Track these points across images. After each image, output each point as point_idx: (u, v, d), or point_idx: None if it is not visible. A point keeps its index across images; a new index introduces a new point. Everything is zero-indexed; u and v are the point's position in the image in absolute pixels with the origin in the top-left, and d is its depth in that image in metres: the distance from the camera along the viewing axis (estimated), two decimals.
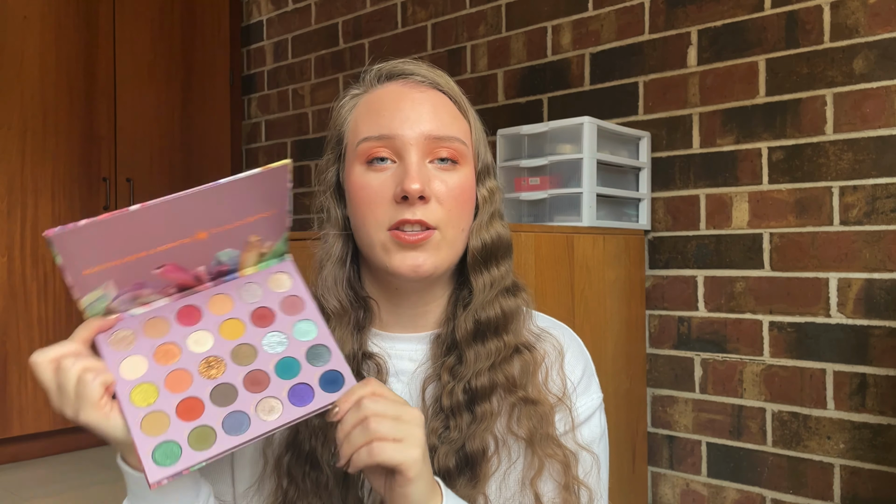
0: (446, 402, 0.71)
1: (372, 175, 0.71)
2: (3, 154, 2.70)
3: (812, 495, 1.76)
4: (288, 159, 0.65)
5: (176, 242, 0.62)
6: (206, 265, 0.66)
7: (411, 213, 0.69)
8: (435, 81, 0.75)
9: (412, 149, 0.70)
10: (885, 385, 1.66)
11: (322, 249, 0.78)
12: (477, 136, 0.77)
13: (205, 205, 0.61)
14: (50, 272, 2.81)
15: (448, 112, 0.73)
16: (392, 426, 0.59)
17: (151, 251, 0.61)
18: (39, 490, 2.42)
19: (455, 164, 0.72)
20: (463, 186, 0.73)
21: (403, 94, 0.73)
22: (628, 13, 2.09)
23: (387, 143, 0.71)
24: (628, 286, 1.93)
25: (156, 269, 0.63)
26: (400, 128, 0.71)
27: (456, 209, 0.72)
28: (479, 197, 0.76)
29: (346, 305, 0.75)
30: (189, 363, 0.63)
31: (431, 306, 0.77)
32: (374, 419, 0.59)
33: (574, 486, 0.71)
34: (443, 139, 0.71)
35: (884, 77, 1.67)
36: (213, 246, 0.65)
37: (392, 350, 0.77)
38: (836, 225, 1.74)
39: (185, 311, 0.66)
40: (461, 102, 0.76)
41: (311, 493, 0.71)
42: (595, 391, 0.78)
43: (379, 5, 2.81)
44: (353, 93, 0.78)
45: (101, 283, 0.61)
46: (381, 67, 0.77)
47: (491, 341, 0.73)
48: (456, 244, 0.73)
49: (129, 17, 3.06)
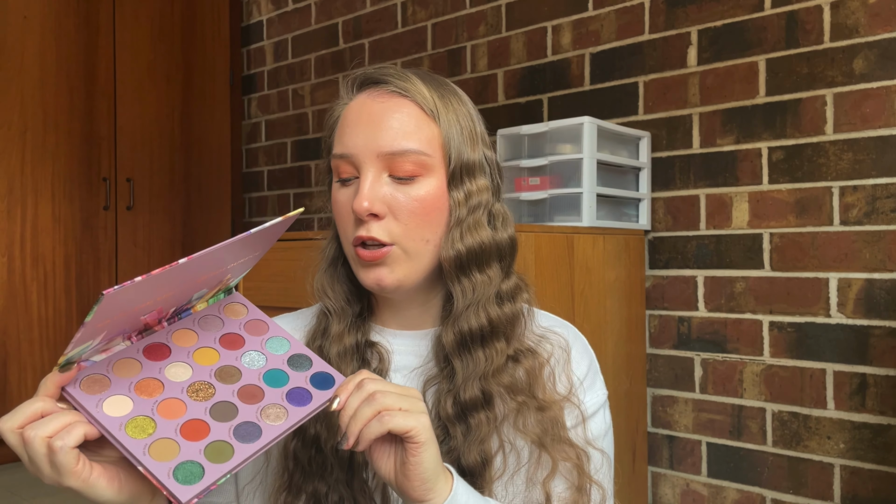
0: (442, 413, 0.72)
1: (342, 191, 0.74)
2: (3, 154, 2.70)
3: (812, 495, 1.76)
4: (302, 208, 0.71)
5: (177, 289, 0.61)
6: (176, 307, 0.66)
7: (365, 231, 0.70)
8: (402, 88, 0.73)
9: (367, 167, 0.71)
10: (885, 385, 1.66)
11: (321, 250, 0.81)
12: (449, 139, 0.73)
13: (228, 252, 0.61)
14: (50, 272, 2.81)
15: (407, 123, 0.72)
16: (396, 398, 0.60)
17: (158, 299, 0.60)
18: (39, 490, 2.42)
19: (413, 179, 0.71)
20: (422, 199, 0.71)
21: (364, 110, 0.73)
22: (628, 13, 2.09)
23: (348, 160, 0.73)
24: (628, 286, 1.93)
25: (143, 315, 0.62)
26: (356, 146, 0.72)
27: (413, 222, 0.71)
28: (451, 202, 0.73)
29: (344, 303, 0.77)
30: (176, 392, 0.62)
31: (424, 308, 0.78)
32: (380, 393, 0.60)
33: (587, 485, 0.71)
34: (396, 154, 0.71)
35: (884, 77, 1.67)
36: (196, 288, 0.65)
37: (394, 345, 0.77)
38: (836, 225, 1.74)
39: (151, 349, 0.64)
40: (428, 106, 0.73)
41: (316, 476, 0.71)
42: (600, 387, 0.78)
43: (379, 5, 2.81)
44: (340, 103, 0.79)
45: (99, 334, 0.58)
46: (355, 76, 0.78)
47: (478, 350, 0.72)
48: (421, 257, 0.72)
49: (129, 17, 3.06)
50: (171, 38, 3.20)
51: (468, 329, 0.72)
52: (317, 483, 0.71)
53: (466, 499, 0.63)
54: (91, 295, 2.91)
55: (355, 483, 0.71)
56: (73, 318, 2.86)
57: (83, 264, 2.90)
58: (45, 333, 2.79)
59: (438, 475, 0.61)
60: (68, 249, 2.86)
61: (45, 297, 2.79)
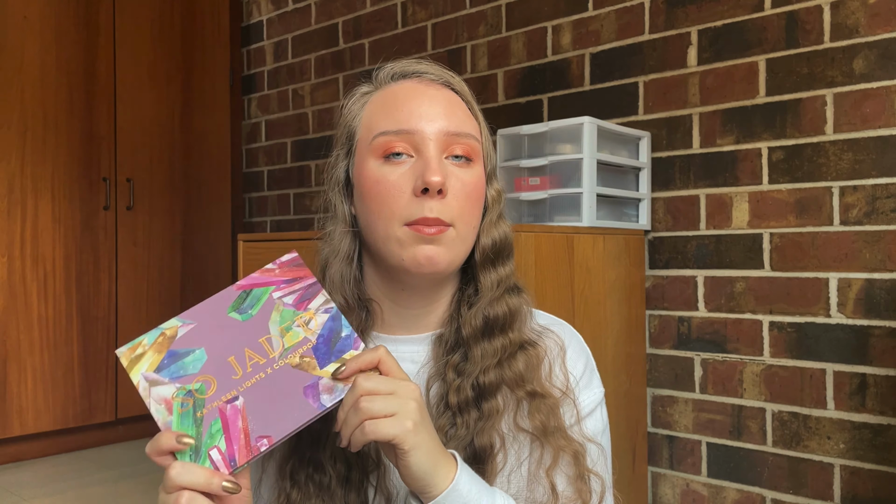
0: (453, 400, 0.72)
1: (388, 169, 0.72)
2: (3, 154, 2.70)
3: (812, 495, 1.76)
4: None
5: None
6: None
7: (429, 210, 0.69)
8: (447, 81, 0.77)
9: (431, 143, 0.71)
10: (885, 385, 1.66)
11: (329, 247, 0.78)
12: (486, 138, 0.78)
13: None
14: (50, 272, 2.81)
15: (462, 110, 0.75)
16: (383, 402, 0.61)
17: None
18: (39, 490, 2.42)
19: (469, 162, 0.74)
20: (476, 183, 0.74)
21: (419, 90, 0.74)
22: (628, 13, 2.09)
23: (405, 137, 0.72)
24: (628, 286, 1.93)
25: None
26: (418, 123, 0.72)
27: (469, 206, 0.73)
28: (488, 196, 0.78)
29: (353, 304, 0.76)
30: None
31: (435, 306, 0.78)
32: (365, 399, 0.61)
33: (587, 476, 0.72)
34: (459, 135, 0.73)
35: (884, 77, 1.67)
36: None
37: (394, 352, 0.77)
38: (836, 225, 1.74)
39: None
40: (472, 103, 0.78)
41: (314, 495, 0.71)
42: (597, 386, 0.79)
43: (379, 5, 2.81)
44: (363, 90, 0.78)
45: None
46: (394, 66, 0.78)
47: (498, 338, 0.74)
48: (468, 240, 0.74)
49: (129, 17, 3.06)
50: (171, 39, 3.20)
51: (494, 316, 0.74)
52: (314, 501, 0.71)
53: (469, 488, 0.64)
54: (91, 295, 2.92)
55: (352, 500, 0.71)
56: (73, 318, 2.87)
57: (83, 264, 2.90)
58: (45, 333, 2.79)
59: (436, 469, 0.62)
60: (68, 249, 2.86)
61: (45, 297, 2.79)
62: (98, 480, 2.52)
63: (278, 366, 0.64)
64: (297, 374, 0.64)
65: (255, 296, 0.67)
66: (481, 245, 0.76)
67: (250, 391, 0.63)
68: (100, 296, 2.95)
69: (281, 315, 0.66)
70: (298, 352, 0.65)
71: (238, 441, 0.61)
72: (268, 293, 0.66)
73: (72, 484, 2.48)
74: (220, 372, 0.63)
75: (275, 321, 0.65)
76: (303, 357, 0.64)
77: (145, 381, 0.63)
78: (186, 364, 0.63)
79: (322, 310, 0.66)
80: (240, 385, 0.63)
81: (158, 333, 0.64)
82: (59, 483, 2.49)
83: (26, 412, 2.73)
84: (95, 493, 2.39)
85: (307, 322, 0.66)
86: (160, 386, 0.62)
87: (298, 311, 0.66)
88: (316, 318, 0.66)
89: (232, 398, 0.62)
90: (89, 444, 2.93)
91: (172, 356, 0.63)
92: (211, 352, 0.64)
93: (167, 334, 0.64)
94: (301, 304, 0.67)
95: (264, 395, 0.63)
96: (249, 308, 0.66)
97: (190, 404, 0.62)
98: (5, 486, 2.45)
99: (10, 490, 2.41)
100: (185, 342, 0.64)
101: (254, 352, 0.64)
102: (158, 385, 0.62)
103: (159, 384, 0.63)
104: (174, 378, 0.63)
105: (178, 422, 0.61)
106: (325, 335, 0.65)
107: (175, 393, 0.62)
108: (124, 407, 3.00)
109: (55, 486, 2.45)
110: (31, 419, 2.74)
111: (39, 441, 2.79)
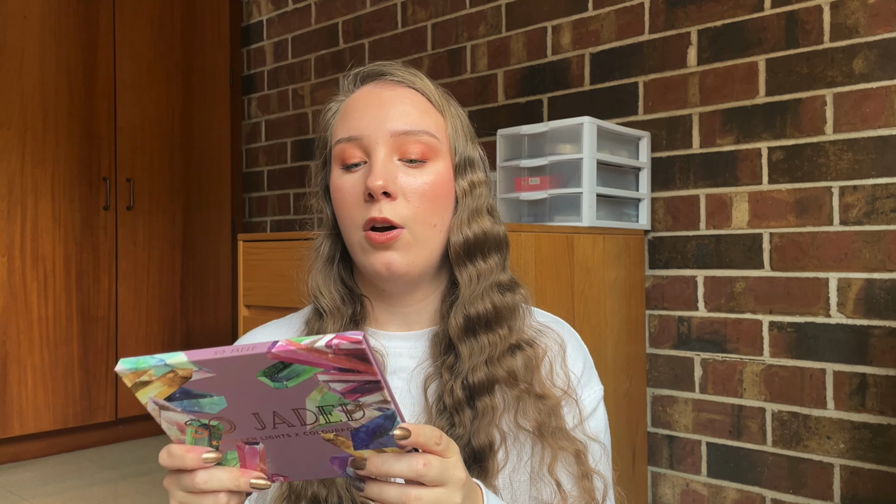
0: (448, 401, 0.72)
1: (346, 177, 0.74)
2: (3, 154, 2.70)
3: (812, 495, 1.76)
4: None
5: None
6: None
7: (377, 211, 0.70)
8: (408, 80, 0.76)
9: (378, 147, 0.72)
10: (885, 385, 1.66)
11: (313, 249, 0.81)
12: (454, 130, 0.77)
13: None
14: (50, 272, 2.81)
15: (417, 107, 0.74)
16: (432, 496, 0.55)
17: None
18: (39, 490, 2.42)
19: (424, 163, 0.73)
20: (433, 182, 0.73)
21: (374, 94, 0.75)
22: (628, 13, 2.09)
23: (357, 143, 0.73)
24: (628, 286, 1.93)
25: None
26: (367, 128, 0.73)
27: (423, 206, 0.72)
28: (457, 190, 0.76)
29: (339, 303, 0.77)
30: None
31: (423, 304, 0.78)
32: (415, 489, 0.54)
33: (589, 475, 0.72)
34: (410, 133, 0.72)
35: (884, 77, 1.68)
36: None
37: (390, 347, 0.77)
38: (836, 225, 1.74)
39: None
40: (434, 98, 0.76)
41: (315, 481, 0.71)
42: (596, 384, 0.79)
43: (379, 5, 2.81)
44: (337, 98, 0.80)
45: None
46: (358, 71, 0.79)
47: (483, 335, 0.73)
48: (430, 242, 0.73)
49: (129, 17, 3.06)
50: (171, 39, 3.20)
51: (475, 313, 0.73)
52: (316, 487, 0.71)
53: None
54: (91, 295, 2.92)
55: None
56: (73, 318, 2.87)
57: (83, 264, 2.90)
58: (45, 333, 2.79)
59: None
60: (68, 249, 2.86)
61: (45, 297, 2.79)
62: (98, 480, 2.52)
63: (308, 433, 0.54)
64: (327, 446, 0.55)
65: (293, 370, 0.51)
66: (452, 242, 0.75)
67: (273, 442, 0.55)
68: (100, 296, 2.95)
69: (323, 396, 0.52)
70: (334, 430, 0.54)
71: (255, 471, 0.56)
72: (312, 373, 0.51)
73: (72, 484, 2.48)
74: (242, 420, 0.54)
75: (314, 399, 0.53)
76: (337, 436, 0.54)
77: (154, 405, 0.54)
78: (203, 405, 0.54)
79: (375, 406, 0.53)
80: (262, 435, 0.55)
81: (168, 370, 0.52)
82: (59, 483, 2.49)
83: (26, 412, 2.73)
84: (95, 493, 2.39)
85: (352, 412, 0.53)
86: (172, 413, 0.54)
87: (346, 399, 0.52)
88: (365, 411, 0.53)
89: (252, 441, 0.55)
90: (89, 444, 2.93)
91: (186, 394, 0.53)
92: (232, 402, 0.53)
93: (178, 373, 0.52)
94: (352, 395, 0.52)
95: (287, 450, 0.55)
96: (285, 380, 0.52)
97: (205, 434, 0.55)
98: (5, 486, 2.45)
99: (10, 490, 2.41)
100: (200, 386, 0.53)
101: (282, 415, 0.54)
102: (170, 411, 0.54)
103: (171, 410, 0.54)
104: (188, 411, 0.54)
105: (192, 444, 0.55)
106: (370, 427, 0.54)
107: (189, 420, 0.54)
108: (124, 407, 3.00)
109: (55, 486, 2.45)
110: (31, 419, 2.74)
111: (39, 441, 2.79)
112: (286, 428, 0.54)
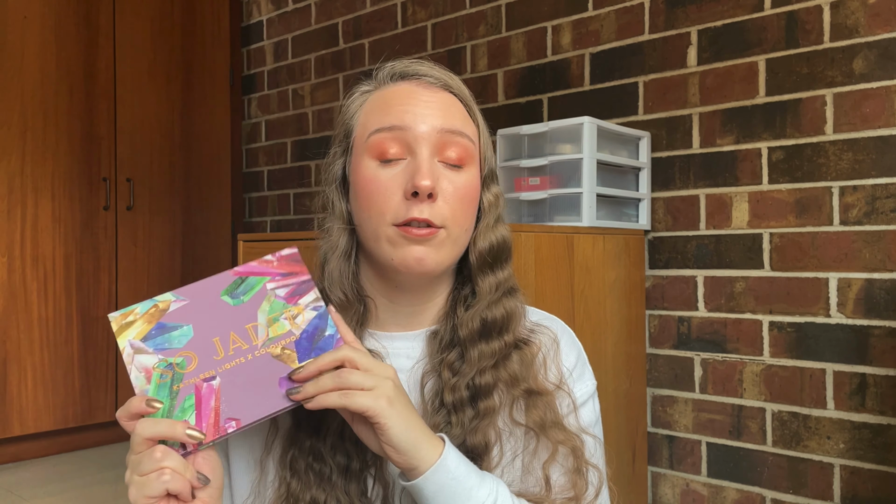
0: (448, 398, 0.72)
1: (383, 171, 0.72)
2: (3, 154, 2.70)
3: (812, 495, 1.76)
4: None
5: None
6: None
7: (419, 212, 0.70)
8: (446, 83, 0.77)
9: (423, 144, 0.72)
10: (885, 385, 1.66)
11: (327, 243, 0.78)
12: (484, 140, 0.78)
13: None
14: (50, 272, 2.81)
15: (458, 112, 0.76)
16: (361, 376, 0.63)
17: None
18: (39, 490, 2.42)
19: (461, 168, 0.74)
20: (468, 187, 0.74)
21: (416, 92, 0.75)
22: (628, 13, 2.09)
23: (398, 134, 0.72)
24: (628, 286, 1.93)
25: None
26: (412, 121, 0.72)
27: (461, 209, 0.73)
28: (484, 201, 0.78)
29: (352, 299, 0.77)
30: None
31: (429, 304, 0.79)
32: (346, 371, 0.63)
33: (584, 468, 0.73)
34: (454, 133, 0.73)
35: (884, 77, 1.68)
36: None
37: (389, 348, 0.78)
38: (836, 225, 1.74)
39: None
40: (470, 105, 0.78)
41: (314, 485, 0.71)
42: (589, 378, 0.80)
43: (379, 5, 2.81)
44: (363, 89, 0.79)
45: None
46: (394, 66, 0.78)
47: (495, 340, 0.75)
48: (459, 242, 0.75)
49: (129, 17, 3.06)
50: (171, 38, 3.20)
51: (492, 319, 0.75)
52: (315, 492, 0.71)
53: (456, 465, 0.65)
54: (91, 295, 2.92)
55: (352, 490, 0.72)
56: (73, 318, 2.87)
57: (83, 264, 2.90)
58: (45, 333, 2.79)
59: (419, 445, 0.64)
60: (68, 249, 2.86)
61: (45, 297, 2.79)
62: (98, 480, 2.52)
63: (259, 353, 0.65)
64: (276, 365, 0.65)
65: (249, 283, 0.68)
66: (478, 249, 0.76)
67: (228, 373, 0.64)
68: (100, 296, 2.95)
69: (271, 305, 0.67)
70: (281, 343, 0.66)
71: (208, 419, 0.63)
72: (262, 283, 0.68)
73: (72, 484, 2.48)
74: (203, 350, 0.65)
75: (264, 310, 0.67)
76: (284, 349, 0.66)
77: (130, 348, 0.65)
78: (173, 338, 0.65)
79: (311, 307, 0.67)
80: (219, 366, 0.64)
81: (151, 305, 0.66)
82: (59, 483, 2.49)
83: (26, 412, 2.73)
84: (95, 493, 2.39)
85: (295, 316, 0.67)
86: (144, 355, 0.64)
87: (288, 305, 0.67)
88: (304, 313, 0.67)
89: (209, 377, 0.64)
90: (89, 444, 2.93)
91: (161, 328, 0.65)
92: (198, 330, 0.65)
93: (159, 307, 0.66)
94: (292, 298, 0.68)
95: (241, 380, 0.64)
96: (242, 294, 0.67)
97: (169, 377, 0.64)
98: (5, 486, 2.45)
99: (10, 490, 2.42)
100: (175, 317, 0.66)
101: (239, 336, 0.66)
102: (142, 353, 0.64)
103: (143, 353, 0.64)
104: (158, 349, 0.65)
105: (155, 391, 0.63)
106: (310, 331, 0.67)
107: (157, 364, 0.64)
108: None
109: (55, 486, 2.45)
110: (31, 419, 2.74)
111: (39, 441, 2.79)
112: (241, 352, 0.65)
